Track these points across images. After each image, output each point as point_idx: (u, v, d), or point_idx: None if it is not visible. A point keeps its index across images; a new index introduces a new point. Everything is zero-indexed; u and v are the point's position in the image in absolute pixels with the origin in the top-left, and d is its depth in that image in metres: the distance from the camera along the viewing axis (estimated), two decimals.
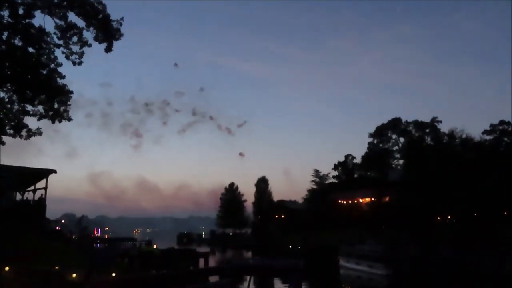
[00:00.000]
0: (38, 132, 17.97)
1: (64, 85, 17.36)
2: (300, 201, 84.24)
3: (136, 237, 63.10)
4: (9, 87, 16.70)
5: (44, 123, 18.09)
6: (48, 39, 16.57)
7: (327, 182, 79.20)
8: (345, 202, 65.72)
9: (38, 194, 26.92)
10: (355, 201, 63.90)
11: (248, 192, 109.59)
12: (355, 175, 74.72)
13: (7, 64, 16.12)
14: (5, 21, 15.58)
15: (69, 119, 18.10)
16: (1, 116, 17.06)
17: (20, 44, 16.23)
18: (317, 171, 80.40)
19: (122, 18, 17.14)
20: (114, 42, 17.20)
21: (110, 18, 16.72)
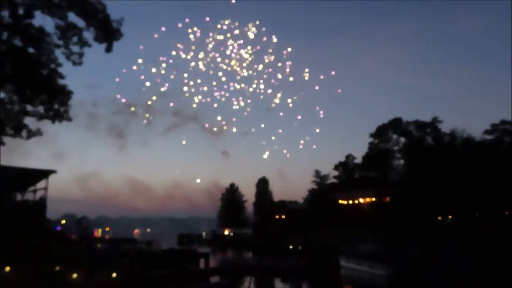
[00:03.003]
0: (38, 133, 17.97)
1: (64, 85, 17.37)
2: (301, 201, 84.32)
3: (136, 237, 63.08)
4: (10, 87, 16.69)
5: (39, 124, 18.06)
6: (48, 39, 16.55)
7: (327, 182, 79.25)
8: (345, 202, 65.67)
9: (38, 194, 26.90)
10: (356, 201, 63.83)
11: (248, 192, 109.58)
12: (356, 175, 74.70)
13: (8, 64, 16.10)
14: (5, 21, 15.56)
15: (69, 119, 18.11)
16: (2, 116, 17.03)
17: (20, 44, 16.21)
18: (317, 171, 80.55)
19: (122, 18, 17.13)
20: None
21: (110, 18, 16.72)
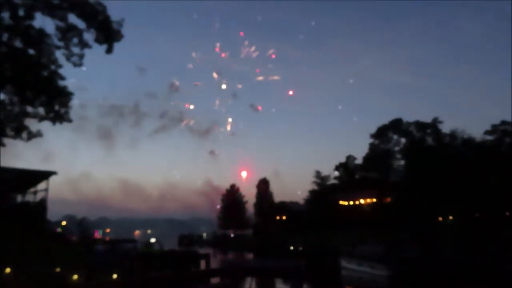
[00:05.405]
0: (39, 134, 17.96)
1: (65, 87, 17.35)
2: (301, 202, 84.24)
3: (137, 238, 62.91)
4: (10, 89, 16.67)
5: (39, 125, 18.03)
6: (49, 40, 16.54)
7: (328, 183, 79.16)
8: (346, 203, 65.67)
9: (39, 196, 26.91)
10: (356, 202, 63.82)
11: (249, 193, 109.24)
12: (356, 176, 74.61)
13: (8, 65, 16.09)
14: (5, 23, 15.55)
15: (70, 121, 18.09)
16: (2, 117, 17.02)
17: (20, 45, 16.21)
18: (318, 172, 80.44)
19: (122, 19, 17.13)
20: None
21: (111, 19, 16.71)
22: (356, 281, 29.90)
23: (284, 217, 78.85)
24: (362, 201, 62.96)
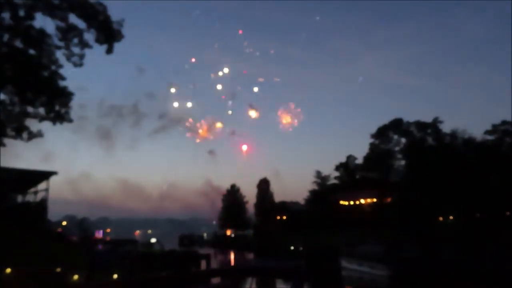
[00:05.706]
0: (39, 134, 17.98)
1: (65, 87, 17.37)
2: (302, 202, 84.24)
3: (137, 238, 63.07)
4: (11, 89, 16.69)
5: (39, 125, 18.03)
6: (49, 40, 16.55)
7: (328, 183, 79.13)
8: (346, 203, 65.68)
9: (39, 196, 26.93)
10: (357, 202, 63.83)
11: (249, 193, 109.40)
12: (357, 176, 74.59)
13: (8, 65, 16.11)
14: (6, 23, 15.57)
15: (70, 121, 18.10)
16: (3, 118, 17.04)
17: (21, 46, 16.23)
18: (318, 172, 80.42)
19: (122, 19, 17.13)
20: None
21: (111, 19, 16.72)
22: (356, 281, 29.91)
23: (284, 217, 78.89)
24: (362, 201, 62.97)
